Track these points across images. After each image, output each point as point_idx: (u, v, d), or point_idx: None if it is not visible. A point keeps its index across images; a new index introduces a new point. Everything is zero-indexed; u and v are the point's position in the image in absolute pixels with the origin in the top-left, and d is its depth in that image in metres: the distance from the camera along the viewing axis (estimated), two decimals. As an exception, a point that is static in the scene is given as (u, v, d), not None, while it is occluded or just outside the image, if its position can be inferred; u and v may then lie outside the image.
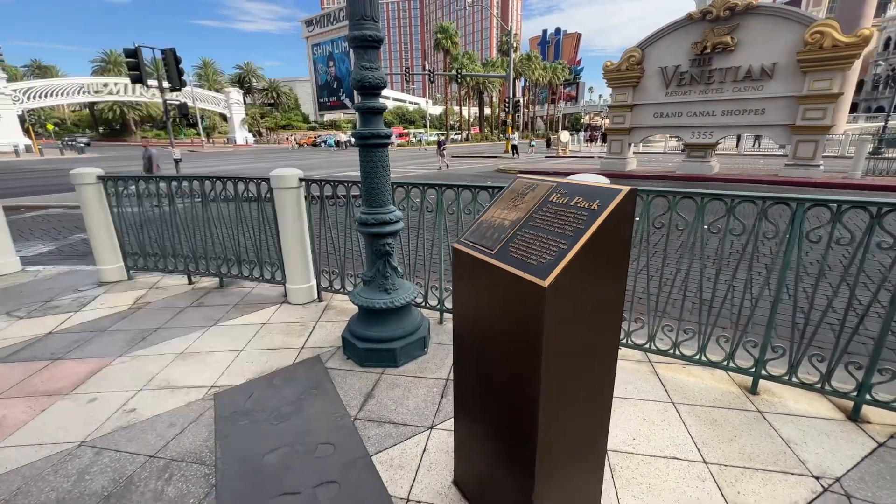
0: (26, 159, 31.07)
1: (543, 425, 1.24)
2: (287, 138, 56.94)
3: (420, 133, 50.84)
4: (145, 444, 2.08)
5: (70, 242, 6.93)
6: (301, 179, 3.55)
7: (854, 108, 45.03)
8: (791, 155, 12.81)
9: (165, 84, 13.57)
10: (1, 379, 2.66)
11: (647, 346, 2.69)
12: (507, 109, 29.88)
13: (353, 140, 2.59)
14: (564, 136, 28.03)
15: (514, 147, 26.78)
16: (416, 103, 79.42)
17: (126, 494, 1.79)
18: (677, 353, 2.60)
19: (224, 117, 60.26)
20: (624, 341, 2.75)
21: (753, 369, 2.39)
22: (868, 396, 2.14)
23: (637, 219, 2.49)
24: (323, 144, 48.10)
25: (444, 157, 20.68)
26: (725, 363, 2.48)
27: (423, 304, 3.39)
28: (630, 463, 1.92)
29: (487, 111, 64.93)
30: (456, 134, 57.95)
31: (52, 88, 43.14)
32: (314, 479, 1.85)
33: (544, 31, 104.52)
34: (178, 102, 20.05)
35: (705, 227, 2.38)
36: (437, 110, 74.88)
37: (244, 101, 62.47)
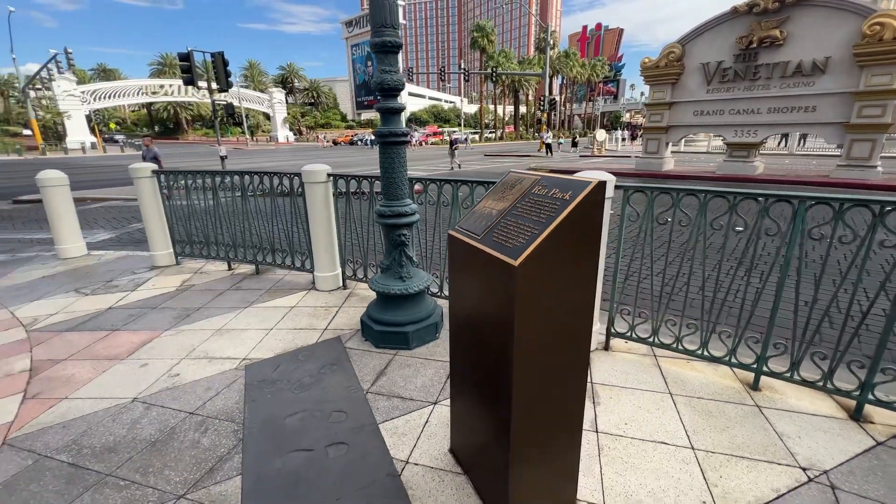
0: (91, 156, 33.86)
1: (517, 396, 1.39)
2: (318, 137, 58.53)
3: (454, 132, 51.05)
4: (186, 403, 2.39)
5: (128, 231, 7.64)
6: (329, 175, 3.82)
7: (927, 104, 41.10)
8: (844, 155, 12.03)
9: (214, 85, 14.46)
10: (72, 344, 3.09)
11: (651, 339, 2.75)
12: (542, 108, 29.52)
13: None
14: (601, 134, 27.36)
15: (549, 146, 26.49)
16: (451, 102, 79.68)
17: (169, 442, 2.09)
18: (680, 347, 2.65)
19: (267, 116, 62.89)
20: (628, 334, 2.83)
21: (755, 365, 2.41)
22: (871, 396, 2.13)
23: (670, 219, 2.55)
24: (360, 143, 49.53)
25: (455, 157, 19.84)
26: (727, 358, 2.51)
27: (439, 293, 3.58)
28: (618, 444, 2.03)
29: (523, 109, 64.21)
30: (490, 132, 57.72)
31: (115, 90, 46.66)
32: (326, 439, 2.08)
33: (584, 28, 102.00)
34: (224, 102, 21.21)
35: (739, 228, 2.41)
36: (472, 109, 74.89)
37: (286, 100, 64.90)
